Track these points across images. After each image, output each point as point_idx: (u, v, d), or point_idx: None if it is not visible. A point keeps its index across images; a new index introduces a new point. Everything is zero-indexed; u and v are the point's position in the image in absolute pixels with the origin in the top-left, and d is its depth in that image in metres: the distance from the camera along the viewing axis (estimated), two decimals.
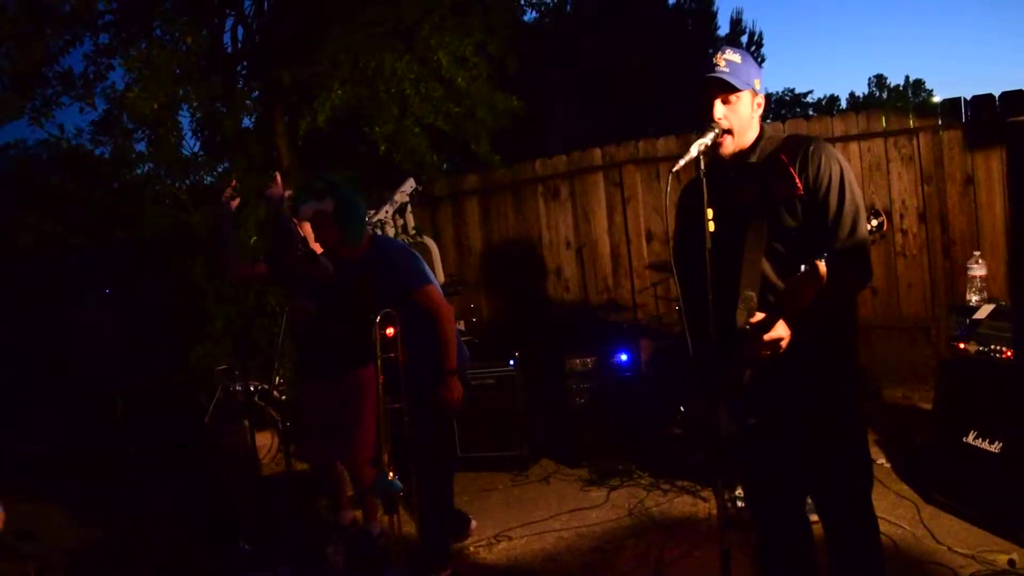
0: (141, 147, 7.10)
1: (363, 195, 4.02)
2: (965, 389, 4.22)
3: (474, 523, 4.60)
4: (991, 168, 5.89)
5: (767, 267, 2.50)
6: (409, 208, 6.50)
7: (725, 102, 2.51)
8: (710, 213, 2.38)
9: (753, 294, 2.43)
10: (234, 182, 4.35)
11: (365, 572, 4.09)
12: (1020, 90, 5.87)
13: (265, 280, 4.66)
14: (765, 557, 2.89)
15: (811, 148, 2.48)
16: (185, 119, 7.17)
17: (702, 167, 2.41)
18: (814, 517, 2.82)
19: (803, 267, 2.09)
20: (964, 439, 4.06)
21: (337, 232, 3.84)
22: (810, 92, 26.39)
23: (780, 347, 2.31)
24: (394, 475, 3.75)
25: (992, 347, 4.08)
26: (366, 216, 3.95)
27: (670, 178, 2.37)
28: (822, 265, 2.05)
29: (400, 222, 6.41)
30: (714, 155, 2.54)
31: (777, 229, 2.48)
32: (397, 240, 4.68)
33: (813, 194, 2.44)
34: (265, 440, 5.71)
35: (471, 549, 4.43)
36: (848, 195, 2.42)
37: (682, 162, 2.41)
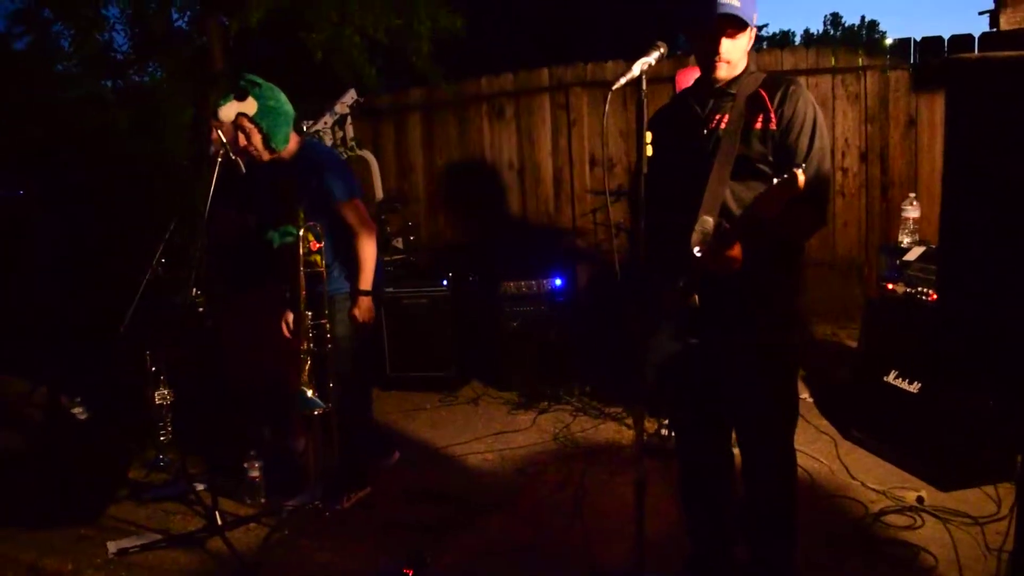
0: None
1: (292, 99, 3.79)
2: (890, 329, 4.28)
3: (397, 454, 4.48)
4: (934, 111, 5.91)
5: (728, 195, 2.49)
6: (349, 120, 6.28)
7: (730, 37, 2.46)
8: (649, 136, 2.32)
9: (710, 219, 2.43)
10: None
11: (282, 489, 4.03)
12: (969, 34, 5.87)
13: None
14: (685, 485, 2.94)
15: (789, 88, 2.49)
16: (114, 13, 6.76)
17: (644, 88, 2.32)
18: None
19: (776, 179, 2.08)
20: (885, 378, 4.14)
21: (260, 135, 3.63)
22: (765, 25, 26.15)
23: (732, 268, 2.31)
24: (314, 392, 3.68)
25: (919, 289, 4.11)
26: (292, 119, 3.74)
27: (609, 97, 2.27)
28: (800, 173, 2.03)
29: (340, 134, 6.19)
30: (699, 81, 2.59)
31: (744, 160, 2.48)
32: (329, 148, 4.48)
33: (784, 132, 2.46)
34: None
35: (392, 470, 4.39)
36: (818, 140, 2.46)
37: (623, 80, 2.32)
